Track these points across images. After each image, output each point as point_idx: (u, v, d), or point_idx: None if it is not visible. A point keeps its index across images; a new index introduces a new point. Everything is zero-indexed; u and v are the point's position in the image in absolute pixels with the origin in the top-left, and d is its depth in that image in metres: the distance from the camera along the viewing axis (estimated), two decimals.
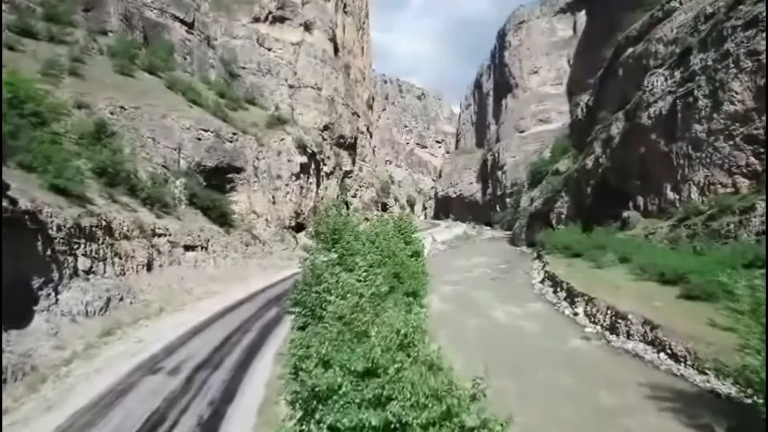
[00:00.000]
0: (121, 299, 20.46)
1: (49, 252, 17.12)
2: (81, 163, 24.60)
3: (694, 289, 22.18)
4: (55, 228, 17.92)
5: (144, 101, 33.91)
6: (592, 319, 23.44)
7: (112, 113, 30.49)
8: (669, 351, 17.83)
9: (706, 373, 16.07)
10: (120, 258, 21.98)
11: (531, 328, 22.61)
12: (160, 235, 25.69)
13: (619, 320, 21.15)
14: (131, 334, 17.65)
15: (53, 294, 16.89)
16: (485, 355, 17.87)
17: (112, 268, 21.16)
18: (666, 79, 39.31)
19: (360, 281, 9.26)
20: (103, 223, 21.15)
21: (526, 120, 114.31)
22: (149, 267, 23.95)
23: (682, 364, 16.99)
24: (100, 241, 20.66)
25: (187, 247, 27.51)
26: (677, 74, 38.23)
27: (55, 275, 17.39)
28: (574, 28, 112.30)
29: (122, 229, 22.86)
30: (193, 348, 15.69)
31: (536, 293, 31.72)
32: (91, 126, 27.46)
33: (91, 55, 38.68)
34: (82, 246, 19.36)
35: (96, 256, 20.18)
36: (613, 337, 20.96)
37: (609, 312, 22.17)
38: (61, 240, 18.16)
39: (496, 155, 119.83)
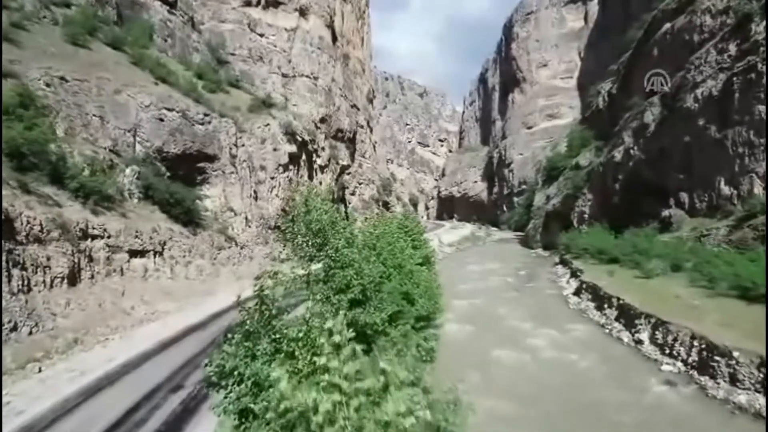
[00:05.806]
0: (15, 328, 14.44)
1: None
2: None
3: None
4: None
5: (94, 74, 27.84)
6: (667, 351, 17.41)
7: (48, 84, 24.45)
8: None
9: None
10: (24, 269, 15.97)
11: (588, 367, 16.50)
12: (93, 237, 19.63)
13: (716, 357, 15.12)
14: (4, 388, 11.61)
15: None
16: (537, 421, 11.56)
17: (8, 284, 15.16)
18: (718, 54, 33.52)
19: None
20: None
21: (535, 115, 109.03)
22: (73, 280, 17.92)
23: None
24: None
25: (134, 253, 21.42)
26: (732, 47, 32.46)
27: None
28: (586, 19, 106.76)
29: (31, 229, 16.86)
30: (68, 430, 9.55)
31: (573, 309, 25.66)
32: (14, 98, 21.47)
33: (41, 24, 32.73)
34: None
35: None
36: (707, 381, 14.92)
37: (697, 343, 16.13)
38: None
39: (503, 152, 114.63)
